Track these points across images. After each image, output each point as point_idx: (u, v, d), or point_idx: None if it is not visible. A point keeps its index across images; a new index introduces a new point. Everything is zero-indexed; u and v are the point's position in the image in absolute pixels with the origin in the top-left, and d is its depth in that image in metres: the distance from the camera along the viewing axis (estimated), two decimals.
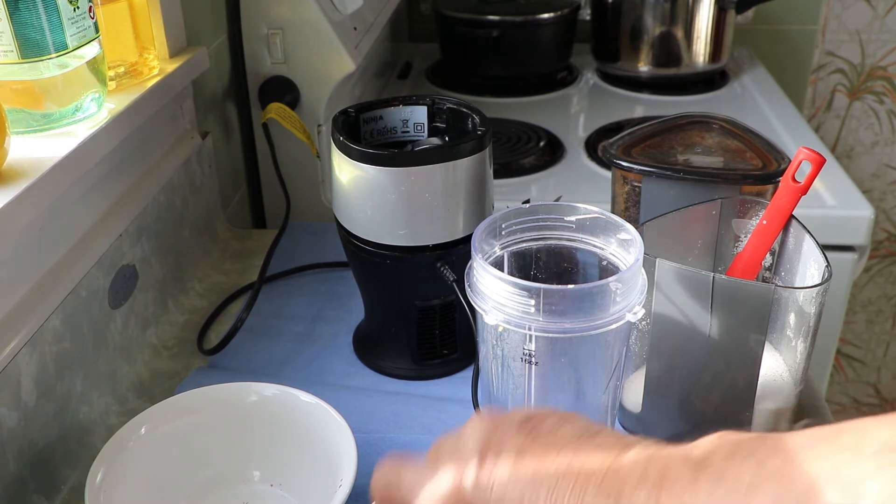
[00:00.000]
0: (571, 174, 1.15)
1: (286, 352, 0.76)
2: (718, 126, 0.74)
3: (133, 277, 0.74)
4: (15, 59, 0.58)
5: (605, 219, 0.54)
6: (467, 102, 0.69)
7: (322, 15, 0.95)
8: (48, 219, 0.62)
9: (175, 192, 0.83)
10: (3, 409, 0.55)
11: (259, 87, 0.99)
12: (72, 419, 0.63)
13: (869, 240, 1.07)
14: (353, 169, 0.64)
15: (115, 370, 0.70)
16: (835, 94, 1.75)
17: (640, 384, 0.63)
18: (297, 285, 0.86)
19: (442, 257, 0.65)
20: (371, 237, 0.66)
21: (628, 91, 1.47)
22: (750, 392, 0.58)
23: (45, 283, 0.61)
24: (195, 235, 0.88)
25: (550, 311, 0.48)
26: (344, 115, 0.67)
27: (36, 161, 0.57)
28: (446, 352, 0.73)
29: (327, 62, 0.97)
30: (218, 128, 0.98)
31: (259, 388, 0.59)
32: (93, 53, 0.63)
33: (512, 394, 0.54)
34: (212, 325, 0.80)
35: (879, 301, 1.86)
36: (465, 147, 0.64)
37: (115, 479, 0.53)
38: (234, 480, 0.59)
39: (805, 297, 0.56)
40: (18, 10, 0.57)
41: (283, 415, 0.58)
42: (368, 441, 0.62)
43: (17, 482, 0.56)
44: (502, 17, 1.42)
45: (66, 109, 0.62)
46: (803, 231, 0.61)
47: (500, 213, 0.55)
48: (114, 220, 0.71)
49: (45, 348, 0.60)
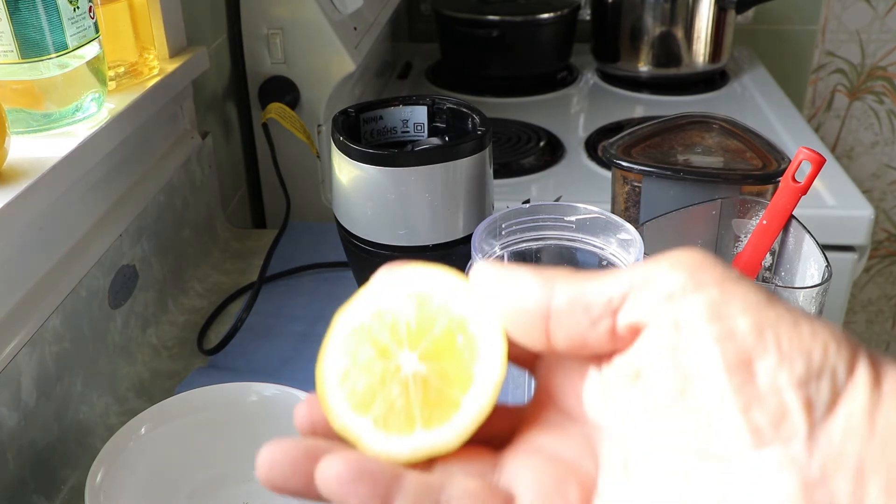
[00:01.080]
0: (571, 174, 1.15)
1: (286, 352, 0.76)
2: (718, 126, 0.74)
3: (133, 277, 0.74)
4: (15, 59, 0.58)
5: (605, 219, 0.54)
6: (467, 102, 0.69)
7: (322, 15, 0.95)
8: (48, 219, 0.62)
9: (175, 192, 0.83)
10: (3, 409, 0.55)
11: (259, 87, 0.99)
12: (72, 419, 0.63)
13: (869, 240, 1.07)
14: (353, 169, 0.64)
15: (115, 370, 0.70)
16: (835, 94, 1.75)
17: None
18: (297, 285, 0.86)
19: (442, 257, 0.65)
20: (371, 237, 0.66)
21: (628, 91, 1.47)
22: None
23: (45, 283, 0.61)
24: (195, 235, 0.88)
25: None
26: (344, 115, 0.67)
27: (36, 161, 0.57)
28: None
29: (327, 62, 0.97)
30: (218, 128, 0.98)
31: (259, 388, 0.59)
32: (93, 53, 0.63)
33: (512, 394, 0.54)
34: (212, 325, 0.80)
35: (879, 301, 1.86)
36: (465, 147, 0.64)
37: (115, 479, 0.53)
38: (234, 480, 0.59)
39: (805, 297, 0.56)
40: (18, 10, 0.57)
41: (283, 415, 0.58)
42: None
43: (17, 482, 0.56)
44: (502, 17, 1.42)
45: (66, 109, 0.62)
46: (803, 231, 0.61)
47: (500, 213, 0.55)
48: (114, 220, 0.71)
49: (45, 348, 0.60)
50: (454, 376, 0.25)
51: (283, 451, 0.24)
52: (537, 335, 0.25)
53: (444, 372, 0.25)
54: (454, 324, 0.26)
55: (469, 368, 0.25)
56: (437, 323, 0.26)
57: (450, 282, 0.26)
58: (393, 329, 0.26)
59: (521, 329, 0.25)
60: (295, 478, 0.24)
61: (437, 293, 0.26)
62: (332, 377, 0.26)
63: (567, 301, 0.25)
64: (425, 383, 0.25)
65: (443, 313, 0.26)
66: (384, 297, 0.26)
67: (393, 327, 0.26)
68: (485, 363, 0.25)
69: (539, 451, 0.26)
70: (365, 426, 0.26)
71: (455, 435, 0.25)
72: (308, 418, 0.27)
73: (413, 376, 0.25)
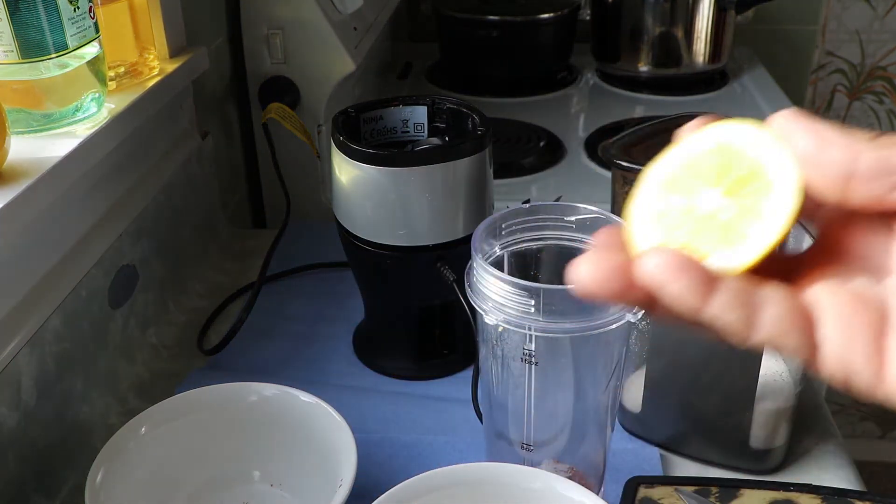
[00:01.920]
0: (571, 174, 1.15)
1: (286, 352, 0.76)
2: None
3: (133, 277, 0.74)
4: (15, 59, 0.58)
5: (604, 219, 0.54)
6: (467, 102, 0.69)
7: (322, 15, 0.95)
8: (48, 219, 0.62)
9: (175, 192, 0.83)
10: (3, 409, 0.55)
11: (259, 87, 0.99)
12: (72, 419, 0.63)
13: None
14: (353, 169, 0.64)
15: (115, 370, 0.70)
16: (835, 94, 1.75)
17: (640, 384, 0.63)
18: (297, 285, 0.86)
19: (442, 257, 0.65)
20: (371, 237, 0.66)
21: (628, 91, 1.46)
22: (750, 392, 0.58)
23: (45, 283, 0.61)
24: (195, 235, 0.88)
25: (550, 311, 0.48)
26: (344, 115, 0.67)
27: (36, 161, 0.57)
28: (446, 352, 0.73)
29: (327, 62, 0.97)
30: (218, 128, 0.98)
31: (259, 388, 0.59)
32: (93, 53, 0.63)
33: (512, 394, 0.54)
34: (212, 325, 0.80)
35: None
36: (465, 147, 0.64)
37: (115, 479, 0.53)
38: (234, 480, 0.59)
39: None
40: (18, 10, 0.57)
41: (283, 415, 0.58)
42: (368, 441, 0.62)
43: (17, 482, 0.56)
44: (502, 17, 1.42)
45: (66, 109, 0.62)
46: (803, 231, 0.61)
47: (500, 213, 0.55)
48: (114, 220, 0.71)
49: (46, 348, 0.60)
50: (752, 212, 0.28)
51: (597, 261, 0.28)
52: (836, 191, 0.27)
53: (742, 208, 0.28)
54: (756, 168, 0.28)
55: (764, 205, 0.28)
56: (739, 167, 0.28)
57: (755, 133, 0.29)
58: (698, 173, 0.29)
59: (820, 182, 0.27)
60: (614, 280, 0.28)
61: (740, 142, 0.29)
62: (642, 215, 0.29)
63: (872, 165, 0.26)
64: (726, 218, 0.28)
65: (744, 159, 0.28)
66: (691, 148, 0.29)
67: (698, 172, 0.29)
68: (780, 201, 0.27)
69: (832, 283, 0.28)
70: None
71: (752, 254, 0.27)
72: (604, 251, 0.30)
73: (715, 211, 0.28)
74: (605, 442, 0.57)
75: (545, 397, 0.54)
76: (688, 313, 0.27)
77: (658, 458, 0.63)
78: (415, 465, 0.62)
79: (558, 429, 0.56)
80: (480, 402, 0.62)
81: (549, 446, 0.56)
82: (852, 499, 0.56)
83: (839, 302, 0.27)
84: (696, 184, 0.29)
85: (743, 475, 0.61)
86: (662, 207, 0.29)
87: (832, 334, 0.27)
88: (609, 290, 0.28)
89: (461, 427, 0.66)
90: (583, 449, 0.57)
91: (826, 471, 0.62)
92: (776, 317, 0.27)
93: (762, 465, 0.62)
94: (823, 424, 0.67)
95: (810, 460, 0.63)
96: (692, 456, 0.63)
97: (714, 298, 0.27)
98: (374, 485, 0.53)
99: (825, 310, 0.27)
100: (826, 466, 0.63)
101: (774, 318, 0.27)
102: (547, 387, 0.53)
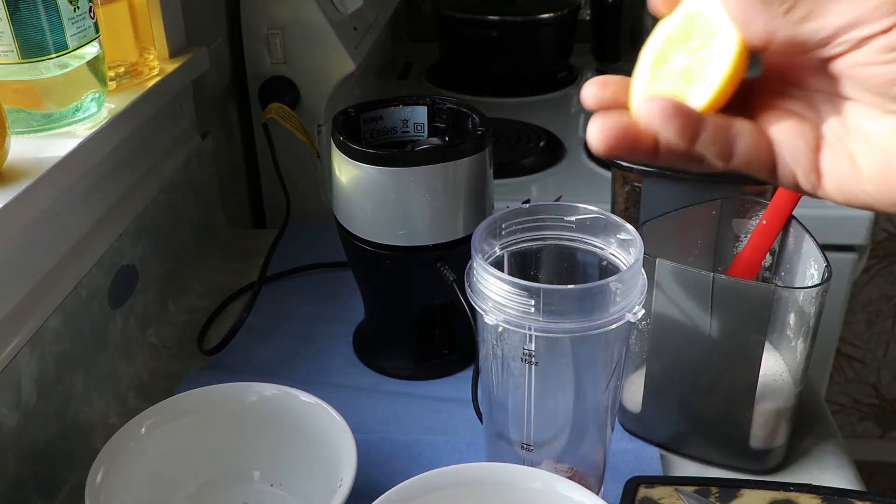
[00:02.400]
0: (571, 174, 1.15)
1: (286, 352, 0.76)
2: None
3: (133, 277, 0.74)
4: (15, 59, 0.58)
5: (605, 219, 0.54)
6: (467, 102, 0.69)
7: (322, 15, 0.95)
8: (48, 219, 0.62)
9: (175, 192, 0.83)
10: (3, 409, 0.55)
11: (259, 87, 0.99)
12: (72, 419, 0.63)
13: (869, 240, 1.07)
14: (353, 169, 0.64)
15: (115, 370, 0.70)
16: None
17: (640, 384, 0.63)
18: (297, 285, 0.86)
19: (442, 257, 0.65)
20: (371, 237, 0.66)
21: None
22: (750, 392, 0.58)
23: (45, 283, 0.61)
24: (195, 235, 0.88)
25: (550, 311, 0.48)
26: (344, 115, 0.67)
27: (36, 161, 0.57)
28: (446, 352, 0.73)
29: (327, 62, 0.97)
30: (218, 128, 0.98)
31: (259, 388, 0.59)
32: (93, 53, 0.63)
33: (512, 394, 0.54)
34: (212, 325, 0.80)
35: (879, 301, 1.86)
36: (465, 147, 0.64)
37: (115, 479, 0.53)
38: (234, 480, 0.59)
39: (805, 297, 0.56)
40: (18, 10, 0.57)
41: (283, 415, 0.58)
42: (368, 441, 0.62)
43: (17, 482, 0.56)
44: (502, 17, 1.42)
45: (66, 109, 0.62)
46: (803, 231, 0.61)
47: (500, 213, 0.55)
48: (114, 220, 0.71)
49: (46, 348, 0.60)
50: (707, 61, 0.36)
51: (604, 123, 0.36)
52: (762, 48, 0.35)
53: (700, 59, 0.36)
54: (711, 30, 0.36)
55: (714, 55, 0.36)
56: (699, 30, 0.37)
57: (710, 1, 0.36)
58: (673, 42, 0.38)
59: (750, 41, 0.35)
60: (621, 135, 0.36)
61: (699, 8, 0.37)
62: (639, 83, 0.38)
63: (784, 42, 0.34)
64: (692, 69, 0.37)
65: (703, 23, 0.37)
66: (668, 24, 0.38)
67: (673, 41, 0.38)
68: (724, 51, 0.36)
69: (780, 112, 0.37)
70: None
71: (711, 89, 0.36)
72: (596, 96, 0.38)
73: (685, 66, 0.37)
74: (605, 442, 0.57)
75: (545, 397, 0.54)
76: (683, 150, 0.35)
77: (658, 458, 0.63)
78: (415, 465, 0.62)
79: (558, 429, 0.56)
80: (480, 402, 0.62)
81: (549, 446, 0.56)
82: (852, 499, 0.56)
83: (786, 127, 0.36)
84: (672, 49, 0.37)
85: (743, 475, 0.61)
86: (652, 75, 0.38)
87: (784, 153, 0.36)
88: (620, 142, 0.36)
89: (461, 427, 0.66)
90: (583, 449, 0.57)
91: (826, 471, 0.62)
92: (748, 146, 0.35)
93: (762, 465, 0.62)
94: (823, 424, 0.67)
95: (810, 460, 0.64)
96: (692, 456, 0.63)
97: (700, 135, 0.34)
98: (374, 485, 0.53)
99: (777, 136, 0.36)
100: (826, 466, 0.63)
101: (747, 147, 0.35)
102: (547, 387, 0.53)
